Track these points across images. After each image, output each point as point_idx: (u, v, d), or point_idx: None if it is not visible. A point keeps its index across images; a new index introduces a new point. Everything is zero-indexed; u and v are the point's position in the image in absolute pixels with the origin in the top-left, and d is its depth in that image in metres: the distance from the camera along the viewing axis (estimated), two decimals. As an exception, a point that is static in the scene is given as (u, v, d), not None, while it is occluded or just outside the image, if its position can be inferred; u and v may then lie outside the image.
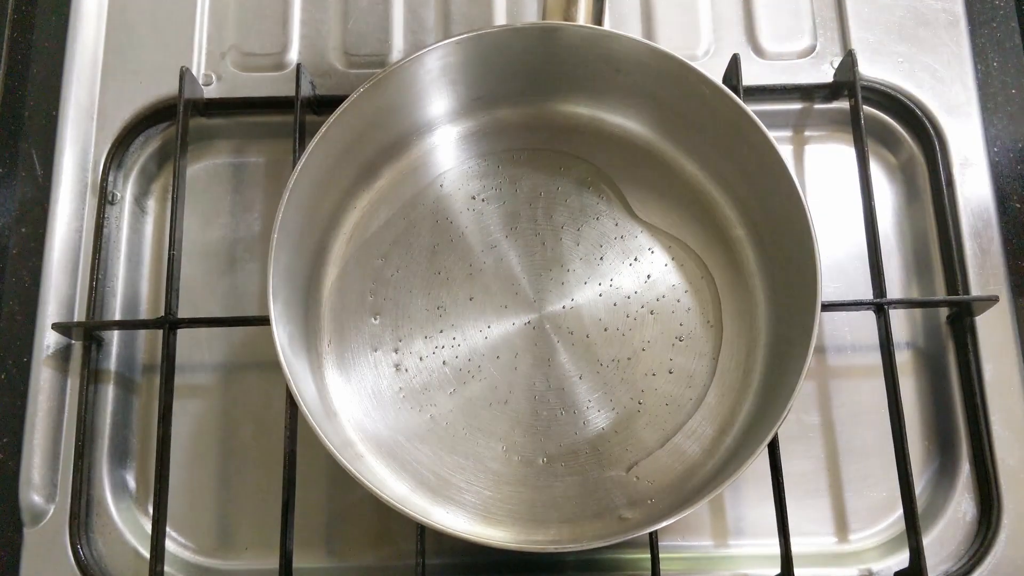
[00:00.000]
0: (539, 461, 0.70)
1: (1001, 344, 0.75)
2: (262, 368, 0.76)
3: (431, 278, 0.75)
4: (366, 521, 0.73)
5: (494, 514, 0.68)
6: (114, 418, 0.75)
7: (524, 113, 0.78)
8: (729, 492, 0.72)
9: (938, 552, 0.71)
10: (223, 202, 0.81)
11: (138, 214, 0.81)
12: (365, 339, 0.73)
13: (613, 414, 0.71)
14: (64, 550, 0.70)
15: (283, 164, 0.82)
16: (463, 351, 0.73)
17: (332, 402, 0.71)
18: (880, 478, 0.73)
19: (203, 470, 0.74)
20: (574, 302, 0.74)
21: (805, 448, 0.74)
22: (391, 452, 0.70)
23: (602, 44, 0.70)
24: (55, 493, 0.72)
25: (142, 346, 0.78)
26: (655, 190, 0.76)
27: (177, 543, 0.73)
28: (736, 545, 0.72)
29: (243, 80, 0.84)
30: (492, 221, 0.76)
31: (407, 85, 0.72)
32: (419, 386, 0.72)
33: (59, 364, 0.75)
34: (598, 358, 0.73)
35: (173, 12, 0.85)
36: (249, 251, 0.80)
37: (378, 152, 0.76)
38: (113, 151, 0.80)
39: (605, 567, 0.71)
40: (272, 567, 0.67)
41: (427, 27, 0.85)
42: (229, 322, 0.74)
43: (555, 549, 0.63)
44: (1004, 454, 0.72)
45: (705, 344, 0.72)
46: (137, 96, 0.82)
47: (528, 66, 0.73)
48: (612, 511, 0.68)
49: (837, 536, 0.72)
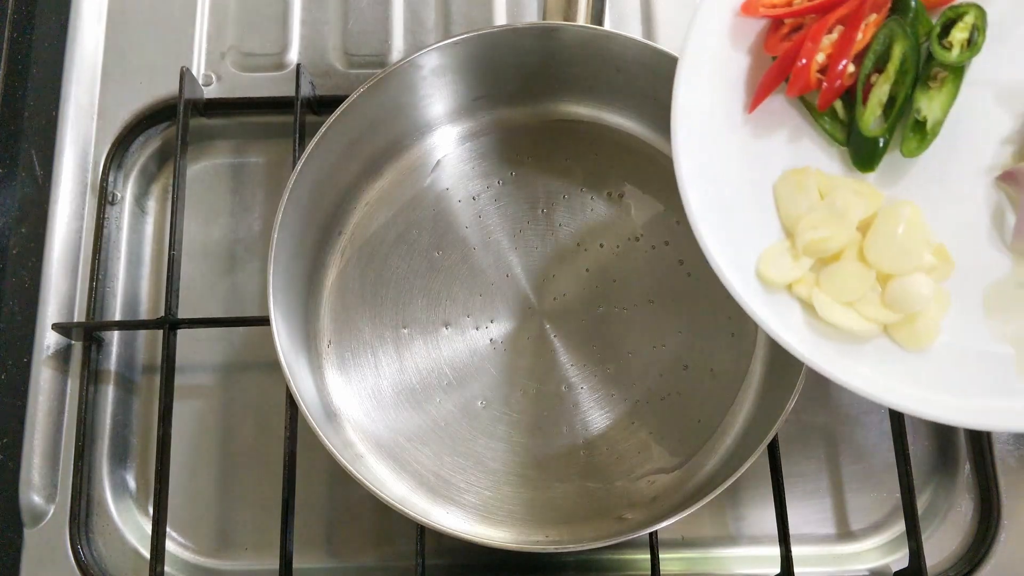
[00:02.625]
0: (539, 461, 0.70)
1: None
2: (262, 368, 0.76)
3: (431, 278, 0.75)
4: (366, 521, 0.73)
5: (494, 514, 0.68)
6: (114, 418, 0.75)
7: (524, 113, 0.78)
8: (729, 492, 0.72)
9: (938, 552, 0.71)
10: (223, 202, 0.81)
11: (138, 214, 0.81)
12: (365, 339, 0.73)
13: (614, 414, 0.71)
14: (64, 550, 0.70)
15: (283, 164, 0.82)
16: (463, 351, 0.73)
17: (332, 402, 0.71)
18: (880, 478, 0.73)
19: (203, 470, 0.74)
20: (575, 302, 0.74)
21: (805, 448, 0.74)
22: (391, 452, 0.70)
23: (602, 44, 0.71)
24: (55, 493, 0.72)
25: (142, 346, 0.78)
26: (655, 190, 0.76)
27: (177, 543, 0.73)
28: (736, 545, 0.72)
29: (243, 80, 0.84)
30: (492, 221, 0.76)
31: (407, 85, 0.72)
32: (419, 386, 0.72)
33: (59, 364, 0.75)
34: (599, 358, 0.73)
35: (173, 12, 0.85)
36: (249, 251, 0.80)
37: (378, 152, 0.76)
38: (113, 151, 0.80)
39: (605, 567, 0.71)
40: (272, 567, 0.67)
41: (427, 27, 0.85)
42: (229, 322, 0.74)
43: (555, 549, 0.63)
44: (1004, 454, 0.72)
45: (706, 343, 0.72)
46: (137, 96, 0.82)
47: (528, 66, 0.73)
48: (612, 511, 0.68)
49: (837, 536, 0.72)
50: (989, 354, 0.54)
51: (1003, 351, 0.54)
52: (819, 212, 0.55)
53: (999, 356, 0.54)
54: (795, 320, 0.54)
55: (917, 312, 0.53)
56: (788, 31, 0.58)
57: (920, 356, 0.54)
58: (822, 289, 0.54)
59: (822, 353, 0.53)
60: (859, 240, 0.55)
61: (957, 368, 0.54)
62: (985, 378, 0.53)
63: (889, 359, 0.54)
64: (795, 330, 0.54)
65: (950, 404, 0.52)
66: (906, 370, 0.54)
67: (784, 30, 0.58)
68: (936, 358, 0.54)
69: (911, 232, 0.54)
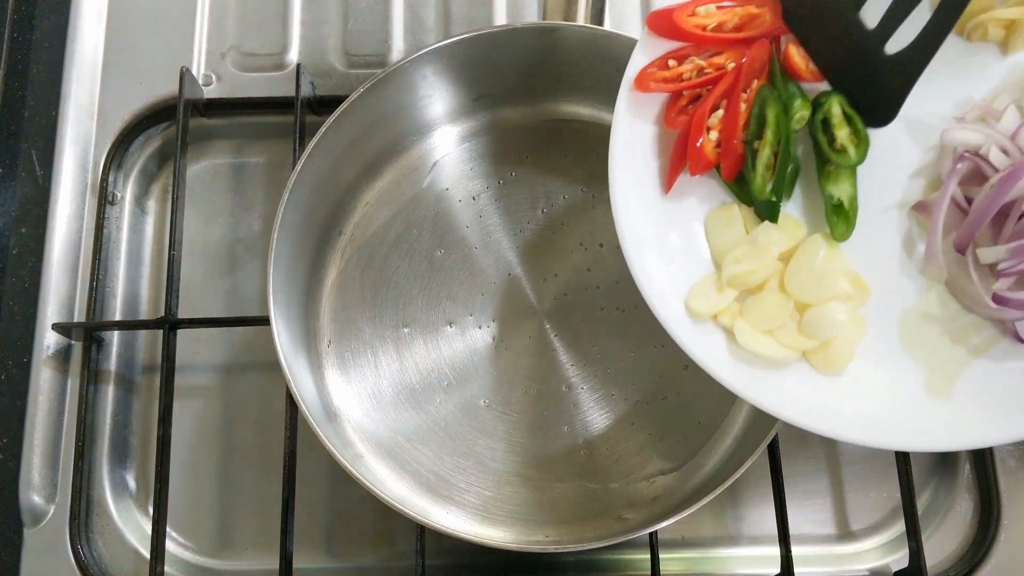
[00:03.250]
0: (539, 461, 0.70)
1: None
2: (262, 368, 0.76)
3: (431, 277, 0.75)
4: (366, 521, 0.73)
5: (494, 514, 0.68)
6: (114, 418, 0.75)
7: (524, 113, 0.78)
8: (729, 492, 0.72)
9: (938, 552, 0.71)
10: (223, 202, 0.81)
11: (138, 214, 0.81)
12: (365, 339, 0.73)
13: (614, 414, 0.71)
14: (64, 550, 0.70)
15: (283, 164, 0.82)
16: (463, 351, 0.73)
17: (332, 402, 0.71)
18: (880, 478, 0.73)
19: (203, 470, 0.74)
20: (575, 302, 0.74)
21: (805, 448, 0.74)
22: (391, 452, 0.70)
23: (602, 44, 0.71)
24: (55, 493, 0.72)
25: (142, 346, 0.78)
26: (655, 190, 0.76)
27: (177, 543, 0.73)
28: (736, 545, 0.72)
29: (243, 80, 0.84)
30: (492, 221, 0.76)
31: (407, 85, 0.72)
32: (419, 386, 0.72)
33: (59, 364, 0.75)
34: (600, 358, 0.73)
35: (173, 12, 0.85)
36: (249, 251, 0.80)
37: (378, 152, 0.76)
38: (113, 151, 0.80)
39: (605, 567, 0.71)
40: (272, 567, 0.67)
41: (427, 27, 0.85)
42: (229, 322, 0.74)
43: (555, 549, 0.63)
44: (1004, 454, 0.72)
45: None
46: (137, 96, 0.82)
47: (528, 66, 0.73)
48: (612, 511, 0.68)
49: (837, 536, 0.72)
50: (901, 377, 0.56)
51: (914, 374, 0.56)
52: (743, 247, 0.58)
53: (911, 378, 0.56)
54: (719, 347, 0.57)
55: (832, 338, 0.56)
56: (686, 103, 0.59)
57: (836, 379, 0.56)
58: (745, 318, 0.57)
59: (742, 378, 0.55)
60: (781, 271, 0.57)
61: (872, 390, 0.56)
62: (897, 400, 0.55)
63: (807, 383, 0.56)
64: (717, 357, 0.56)
65: (864, 426, 0.54)
66: (823, 393, 0.56)
67: (682, 102, 0.59)
68: (851, 381, 0.56)
69: (828, 263, 0.57)
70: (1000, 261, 0.54)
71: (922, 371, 0.56)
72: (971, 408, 0.54)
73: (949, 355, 0.56)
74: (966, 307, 0.56)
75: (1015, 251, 0.53)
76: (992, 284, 0.54)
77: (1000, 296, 0.54)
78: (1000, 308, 0.54)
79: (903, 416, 0.55)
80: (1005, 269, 0.53)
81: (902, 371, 0.56)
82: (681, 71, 0.58)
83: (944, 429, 0.54)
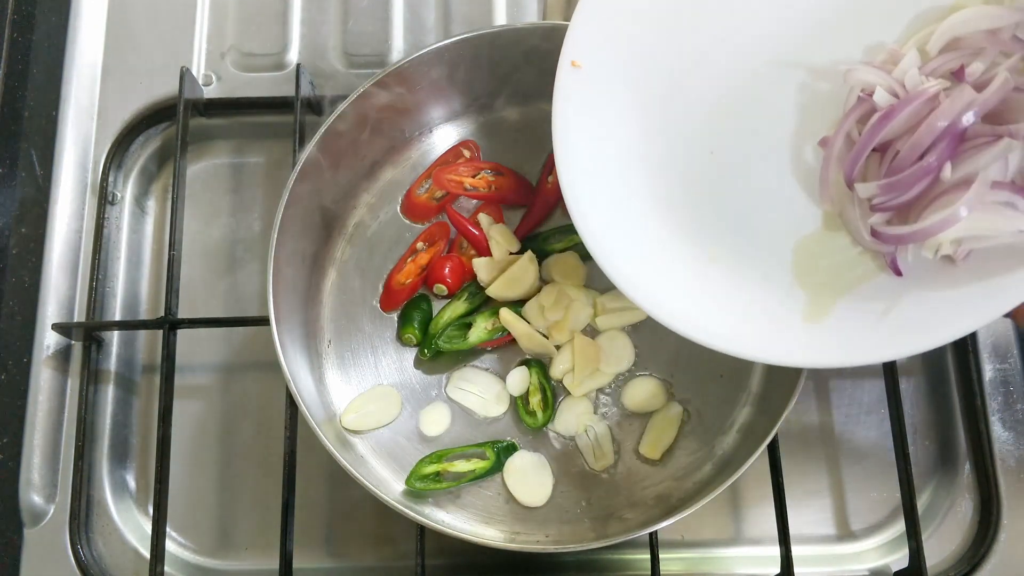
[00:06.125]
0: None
1: (1001, 344, 0.75)
2: (262, 368, 0.76)
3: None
4: (366, 521, 0.73)
5: (494, 514, 0.68)
6: (114, 418, 0.75)
7: (524, 113, 0.78)
8: (729, 492, 0.72)
9: (938, 552, 0.71)
10: (223, 202, 0.81)
11: (138, 214, 0.81)
12: (365, 339, 0.73)
13: (615, 414, 0.71)
14: (64, 550, 0.70)
15: (283, 164, 0.82)
16: (457, 353, 0.73)
17: (332, 402, 0.71)
18: (880, 478, 0.73)
19: (203, 470, 0.74)
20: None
21: (805, 448, 0.74)
22: (391, 452, 0.70)
23: (602, 44, 0.70)
24: (55, 493, 0.72)
25: (142, 346, 0.78)
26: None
27: (177, 543, 0.73)
28: (736, 545, 0.72)
29: (243, 80, 0.84)
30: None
31: (407, 85, 0.72)
32: (419, 386, 0.72)
33: (59, 364, 0.75)
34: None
35: (173, 12, 0.85)
36: (249, 251, 0.80)
37: (378, 152, 0.76)
38: (113, 151, 0.80)
39: (605, 567, 0.71)
40: (272, 567, 0.67)
41: (427, 27, 0.85)
42: (229, 322, 0.74)
43: (555, 549, 0.63)
44: (1004, 454, 0.72)
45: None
46: (137, 96, 0.82)
47: (528, 66, 0.73)
48: (612, 511, 0.68)
49: (837, 536, 0.72)
50: (786, 296, 0.58)
51: (795, 299, 0.57)
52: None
53: (792, 302, 0.57)
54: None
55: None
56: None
57: (728, 297, 0.59)
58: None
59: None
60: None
61: (746, 305, 0.58)
62: (777, 320, 0.57)
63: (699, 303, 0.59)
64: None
65: (730, 335, 0.56)
66: (701, 296, 0.59)
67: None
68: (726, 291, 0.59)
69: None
70: (873, 196, 0.56)
71: (805, 296, 0.57)
72: (838, 331, 0.55)
73: (832, 282, 0.57)
74: (854, 240, 0.58)
75: (885, 187, 0.55)
76: (870, 218, 0.56)
77: (875, 230, 0.55)
78: (874, 241, 0.56)
79: (776, 333, 0.56)
80: (878, 204, 0.55)
81: (786, 294, 0.58)
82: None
83: (804, 348, 0.55)
